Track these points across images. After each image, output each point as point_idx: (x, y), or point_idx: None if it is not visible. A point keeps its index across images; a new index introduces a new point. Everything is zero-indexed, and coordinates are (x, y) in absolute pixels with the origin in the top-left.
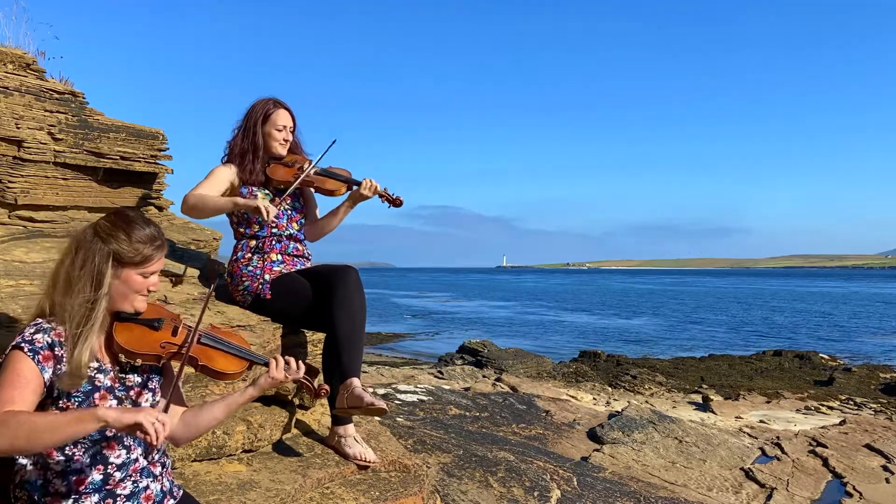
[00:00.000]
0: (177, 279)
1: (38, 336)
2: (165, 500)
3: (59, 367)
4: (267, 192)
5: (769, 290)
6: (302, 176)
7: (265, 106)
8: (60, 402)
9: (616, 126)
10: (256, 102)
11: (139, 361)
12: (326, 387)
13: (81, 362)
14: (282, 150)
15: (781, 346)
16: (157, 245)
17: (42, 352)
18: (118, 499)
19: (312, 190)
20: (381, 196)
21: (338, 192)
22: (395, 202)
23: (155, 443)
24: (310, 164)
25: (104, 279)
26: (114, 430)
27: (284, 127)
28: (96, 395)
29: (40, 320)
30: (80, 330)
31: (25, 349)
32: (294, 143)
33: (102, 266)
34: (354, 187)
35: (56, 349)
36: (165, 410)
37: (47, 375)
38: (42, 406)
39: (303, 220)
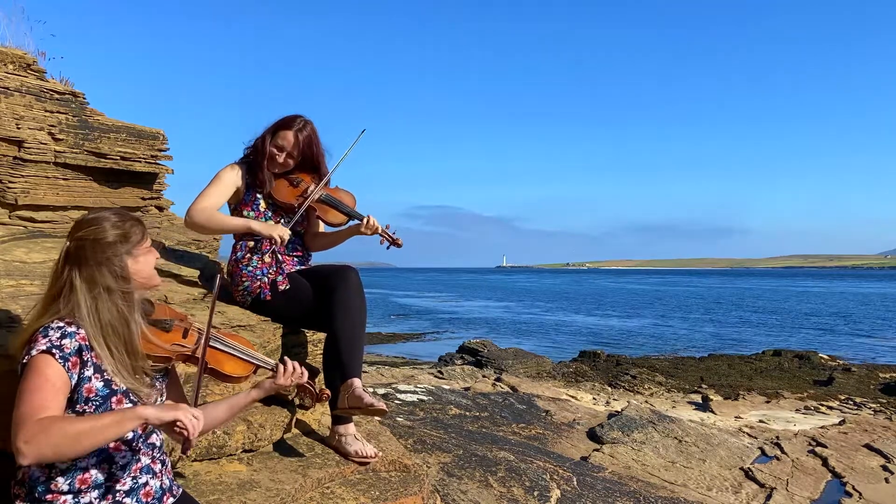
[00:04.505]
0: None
1: (66, 341)
2: (165, 497)
3: (83, 371)
4: (271, 202)
5: (755, 291)
6: (305, 203)
7: (284, 121)
8: (78, 406)
9: (616, 126)
10: (287, 115)
11: (150, 363)
12: (328, 391)
13: (138, 360)
14: (276, 170)
15: (752, 346)
16: (131, 219)
17: (71, 358)
18: (117, 494)
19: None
20: (381, 235)
21: (338, 224)
22: (395, 243)
23: (191, 437)
24: (315, 186)
25: (127, 271)
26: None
27: (283, 149)
28: (113, 399)
29: (62, 323)
30: (122, 328)
31: (56, 355)
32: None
33: (123, 262)
34: (356, 221)
35: (84, 353)
36: (195, 405)
37: (74, 382)
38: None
39: (302, 231)
